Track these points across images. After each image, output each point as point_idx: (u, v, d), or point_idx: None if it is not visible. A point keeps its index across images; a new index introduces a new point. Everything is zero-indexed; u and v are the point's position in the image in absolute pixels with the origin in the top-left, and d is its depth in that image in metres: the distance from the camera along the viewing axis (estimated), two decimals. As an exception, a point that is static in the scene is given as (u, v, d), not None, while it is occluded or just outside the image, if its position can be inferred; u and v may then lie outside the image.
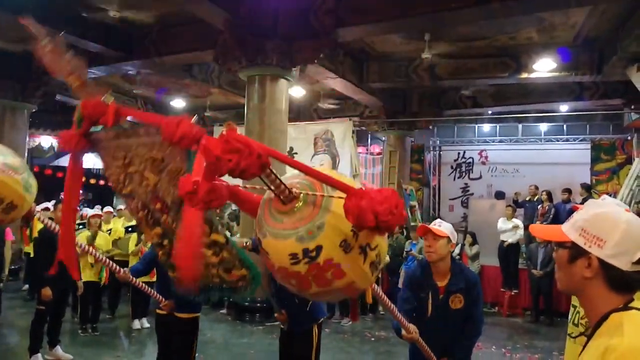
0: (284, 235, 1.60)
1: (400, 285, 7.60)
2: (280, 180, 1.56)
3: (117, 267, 3.81)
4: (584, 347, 1.31)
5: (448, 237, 3.11)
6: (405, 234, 10.24)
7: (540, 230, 1.54)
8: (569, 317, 2.77)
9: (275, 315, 4.10)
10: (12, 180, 2.82)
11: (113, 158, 2.52)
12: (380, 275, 8.97)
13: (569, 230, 1.35)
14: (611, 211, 1.33)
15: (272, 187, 1.57)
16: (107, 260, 3.70)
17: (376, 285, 2.37)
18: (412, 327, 2.85)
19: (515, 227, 9.75)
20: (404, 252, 9.43)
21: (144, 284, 4.05)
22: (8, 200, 2.87)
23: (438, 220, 3.30)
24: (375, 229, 1.44)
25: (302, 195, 1.60)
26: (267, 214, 1.68)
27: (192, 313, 4.33)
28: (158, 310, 4.36)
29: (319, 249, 1.55)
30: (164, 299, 4.16)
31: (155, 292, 4.14)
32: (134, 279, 4.03)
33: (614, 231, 1.28)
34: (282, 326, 4.16)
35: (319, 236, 1.55)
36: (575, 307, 2.76)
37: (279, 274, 1.71)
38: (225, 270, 2.53)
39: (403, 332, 2.89)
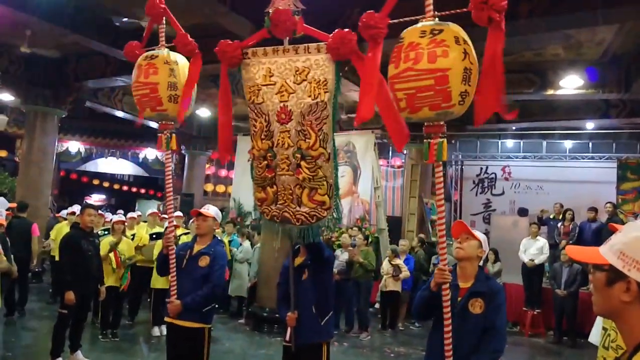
0: (422, 24, 2.70)
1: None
2: None
3: (172, 230, 4.09)
4: None
5: (480, 242, 3.11)
6: (426, 248, 10.19)
7: (577, 251, 1.49)
8: (600, 340, 2.70)
9: (287, 314, 3.76)
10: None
11: (258, 71, 3.23)
12: (400, 290, 8.93)
13: (607, 252, 1.30)
14: None
15: None
16: (172, 225, 4.06)
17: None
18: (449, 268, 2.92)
19: (541, 248, 9.57)
20: (430, 266, 9.42)
21: (174, 264, 3.95)
22: (178, 93, 3.65)
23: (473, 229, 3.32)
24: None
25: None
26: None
27: (198, 322, 4.03)
28: (166, 318, 4.14)
29: (441, 30, 2.62)
30: (176, 296, 3.95)
31: (175, 283, 3.96)
32: (174, 252, 3.96)
33: None
34: (285, 342, 3.87)
35: (444, 27, 2.64)
36: (606, 329, 2.69)
37: (404, 52, 2.69)
38: (310, 189, 3.09)
39: (438, 266, 2.92)
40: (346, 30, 3.02)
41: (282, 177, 3.18)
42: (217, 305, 5.84)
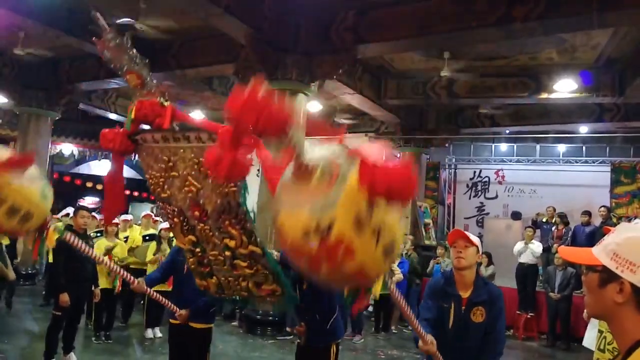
0: (299, 208, 1.56)
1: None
2: (299, 149, 1.56)
3: (132, 278, 3.62)
4: None
5: (477, 247, 3.09)
6: (419, 252, 10.21)
7: (570, 252, 1.49)
8: (595, 342, 2.70)
9: (295, 328, 4.09)
10: (28, 190, 2.74)
11: (155, 160, 2.52)
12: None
13: (600, 253, 1.30)
14: None
15: (291, 154, 1.59)
16: (122, 270, 3.56)
17: (396, 289, 2.25)
18: (430, 337, 2.73)
19: (533, 251, 9.61)
20: (430, 267, 9.50)
21: (158, 295, 3.95)
22: (25, 209, 2.75)
23: (466, 232, 3.27)
24: (387, 196, 1.46)
25: (319, 169, 1.54)
26: (285, 187, 1.66)
27: (206, 323, 4.33)
28: (172, 320, 4.34)
29: (331, 225, 1.50)
30: (178, 309, 4.12)
31: (169, 303, 4.07)
32: (149, 289, 3.94)
33: None
34: (298, 340, 4.13)
35: (333, 211, 1.50)
36: (601, 332, 2.70)
37: (291, 253, 1.66)
38: (255, 284, 2.61)
39: (420, 342, 2.77)
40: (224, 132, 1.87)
41: (220, 272, 2.68)
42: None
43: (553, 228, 10.35)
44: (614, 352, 2.69)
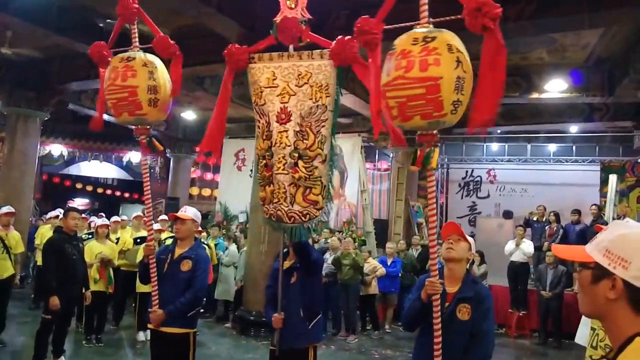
0: (415, 32, 2.67)
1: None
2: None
3: (152, 238, 4.00)
4: None
5: (469, 244, 3.10)
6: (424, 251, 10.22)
7: (563, 250, 1.50)
8: (588, 340, 2.71)
9: (273, 316, 3.68)
10: (168, 91, 3.71)
11: (261, 74, 3.42)
12: (376, 293, 8.91)
13: (592, 250, 1.31)
14: (637, 232, 1.30)
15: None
16: (153, 233, 4.06)
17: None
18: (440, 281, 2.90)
19: (523, 251, 9.65)
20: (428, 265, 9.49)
21: (155, 272, 3.88)
22: (158, 95, 3.61)
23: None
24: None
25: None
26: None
27: (182, 328, 3.94)
28: (149, 325, 4.04)
29: (434, 38, 2.58)
30: (157, 306, 3.88)
31: (156, 291, 3.88)
32: (154, 261, 3.88)
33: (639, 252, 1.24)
34: (272, 345, 3.82)
35: (437, 34, 2.60)
36: (594, 329, 2.71)
37: (396, 59, 2.64)
38: (305, 188, 3.20)
39: (428, 279, 2.89)
40: (347, 37, 3.14)
41: (278, 175, 3.29)
42: (202, 310, 5.72)
43: (546, 227, 10.41)
44: (606, 348, 2.69)
